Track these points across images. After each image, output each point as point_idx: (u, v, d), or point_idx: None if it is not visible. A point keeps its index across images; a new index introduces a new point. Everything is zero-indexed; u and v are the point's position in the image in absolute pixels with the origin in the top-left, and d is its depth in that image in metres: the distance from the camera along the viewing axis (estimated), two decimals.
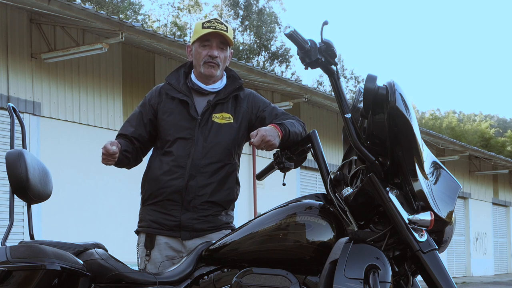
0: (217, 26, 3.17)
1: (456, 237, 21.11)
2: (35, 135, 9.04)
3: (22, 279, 2.45)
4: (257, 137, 2.89)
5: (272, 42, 33.12)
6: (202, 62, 3.19)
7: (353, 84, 36.19)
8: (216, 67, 3.19)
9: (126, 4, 29.52)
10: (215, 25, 3.17)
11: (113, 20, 8.99)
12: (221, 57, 3.20)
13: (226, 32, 3.18)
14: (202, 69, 3.20)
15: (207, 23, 3.19)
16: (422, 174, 2.47)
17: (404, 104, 2.44)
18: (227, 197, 3.17)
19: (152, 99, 3.27)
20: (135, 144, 3.22)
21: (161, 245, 3.13)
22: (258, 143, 2.87)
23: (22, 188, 2.69)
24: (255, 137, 2.89)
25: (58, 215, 9.02)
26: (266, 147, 2.90)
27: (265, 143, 2.88)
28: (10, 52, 8.88)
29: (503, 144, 39.61)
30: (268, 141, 2.88)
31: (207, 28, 3.17)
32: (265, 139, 2.88)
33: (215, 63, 3.18)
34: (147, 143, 3.27)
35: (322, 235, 2.55)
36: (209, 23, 3.18)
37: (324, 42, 2.53)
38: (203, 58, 3.19)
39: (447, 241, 2.57)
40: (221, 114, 3.19)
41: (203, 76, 3.21)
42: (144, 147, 3.27)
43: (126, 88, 10.41)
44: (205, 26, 3.18)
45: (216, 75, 3.22)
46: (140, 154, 3.27)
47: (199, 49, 3.20)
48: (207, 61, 3.18)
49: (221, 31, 3.16)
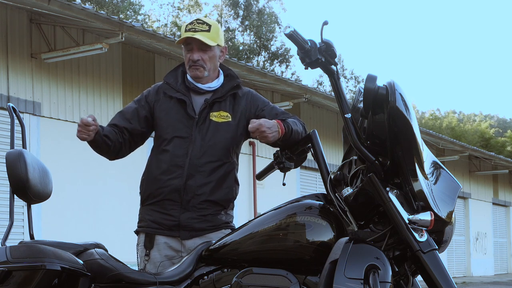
0: (197, 28, 3.15)
1: (456, 237, 21.10)
2: (35, 135, 9.04)
3: (22, 279, 2.45)
4: (255, 124, 2.89)
5: (272, 42, 33.12)
6: (188, 66, 3.22)
7: (353, 84, 36.19)
8: (200, 68, 3.19)
9: (126, 4, 29.50)
10: (195, 27, 3.16)
11: (113, 20, 8.99)
12: (204, 58, 3.19)
13: (207, 32, 3.16)
14: (188, 72, 3.23)
15: (189, 25, 3.18)
16: (422, 174, 2.47)
17: (404, 104, 2.44)
18: (226, 196, 3.17)
19: (150, 96, 3.26)
20: (124, 136, 3.19)
21: (161, 244, 3.13)
22: (253, 129, 2.87)
23: (22, 188, 2.69)
24: (253, 123, 2.89)
25: (58, 215, 9.02)
26: (260, 137, 2.90)
27: (260, 133, 2.88)
28: (10, 52, 8.88)
29: (503, 144, 39.60)
30: (263, 132, 2.88)
31: (188, 31, 3.17)
32: (261, 129, 2.88)
33: (198, 65, 3.19)
34: (138, 138, 3.24)
35: (322, 235, 2.55)
36: (191, 25, 3.17)
37: (324, 42, 2.53)
38: (188, 62, 3.21)
39: (447, 241, 2.57)
40: (219, 112, 3.19)
41: (191, 77, 3.23)
42: (133, 141, 3.23)
43: (126, 88, 10.41)
44: (187, 28, 3.18)
45: (204, 76, 3.21)
46: (127, 147, 3.22)
47: (184, 52, 3.24)
48: (191, 65, 3.20)
49: (200, 34, 3.13)
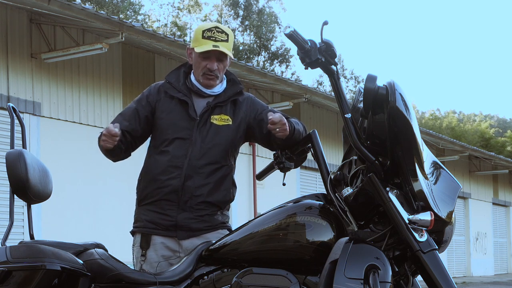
0: (217, 37, 3.10)
1: (456, 237, 21.10)
2: (35, 135, 9.04)
3: (22, 279, 2.45)
4: (277, 116, 2.94)
5: (272, 42, 33.13)
6: (201, 73, 3.16)
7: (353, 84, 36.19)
8: (214, 78, 3.17)
9: (126, 4, 29.50)
10: (215, 36, 3.10)
11: (113, 20, 8.99)
12: (220, 67, 3.17)
13: (226, 42, 3.12)
14: (201, 79, 3.18)
15: (208, 32, 3.11)
16: (422, 174, 2.47)
17: (404, 104, 2.44)
18: (223, 198, 3.17)
19: (151, 96, 3.23)
20: (127, 138, 3.17)
21: (157, 245, 3.12)
22: (276, 120, 2.91)
23: (22, 188, 2.69)
24: (275, 115, 2.94)
25: (58, 215, 9.02)
26: (280, 130, 2.93)
27: (282, 125, 2.92)
28: (10, 52, 8.88)
29: (503, 144, 39.60)
30: (284, 125, 2.93)
31: (207, 38, 3.10)
32: (282, 122, 2.92)
33: (213, 75, 3.16)
34: (139, 139, 3.23)
35: (322, 235, 2.55)
36: (210, 33, 3.10)
37: (324, 42, 2.53)
38: (202, 69, 3.15)
39: (447, 241, 2.57)
40: (220, 116, 3.18)
41: (202, 84, 3.20)
42: (134, 142, 3.22)
43: (126, 88, 10.40)
44: (205, 35, 3.10)
45: (216, 85, 3.20)
46: (130, 149, 3.23)
47: (199, 58, 3.16)
48: (206, 73, 3.15)
49: (221, 44, 3.10)
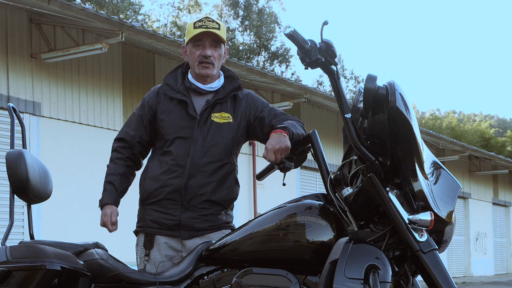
0: (208, 25, 3.16)
1: (456, 237, 21.10)
2: (35, 135, 9.04)
3: (22, 279, 2.46)
4: (269, 154, 2.81)
5: (272, 42, 33.10)
6: (197, 62, 3.19)
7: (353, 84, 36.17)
8: (211, 66, 3.19)
9: (126, 4, 29.49)
10: (206, 24, 3.16)
11: (113, 20, 8.99)
12: (215, 55, 3.20)
13: (218, 29, 3.17)
14: (197, 69, 3.20)
15: (199, 22, 3.19)
16: (422, 174, 2.46)
17: (404, 104, 2.44)
18: (227, 196, 3.17)
19: (151, 100, 3.26)
20: (134, 150, 3.23)
21: (161, 244, 3.12)
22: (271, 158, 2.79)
23: (22, 188, 2.69)
24: (267, 155, 2.81)
25: (58, 215, 9.02)
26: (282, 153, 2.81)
27: (280, 151, 2.81)
28: (10, 52, 8.88)
29: (503, 144, 39.59)
30: (279, 148, 2.80)
31: (199, 27, 3.17)
32: (275, 148, 2.80)
33: (209, 62, 3.18)
34: (148, 145, 3.28)
35: (322, 235, 2.55)
36: (201, 22, 3.18)
37: (324, 42, 2.53)
38: (197, 58, 3.19)
39: (447, 241, 2.57)
40: (220, 113, 3.19)
41: (199, 76, 3.21)
42: (144, 150, 3.28)
43: (126, 88, 10.41)
44: (197, 25, 3.18)
45: (212, 74, 3.21)
46: (140, 160, 3.29)
47: (193, 49, 3.21)
48: (201, 61, 3.18)
49: (212, 30, 3.16)
